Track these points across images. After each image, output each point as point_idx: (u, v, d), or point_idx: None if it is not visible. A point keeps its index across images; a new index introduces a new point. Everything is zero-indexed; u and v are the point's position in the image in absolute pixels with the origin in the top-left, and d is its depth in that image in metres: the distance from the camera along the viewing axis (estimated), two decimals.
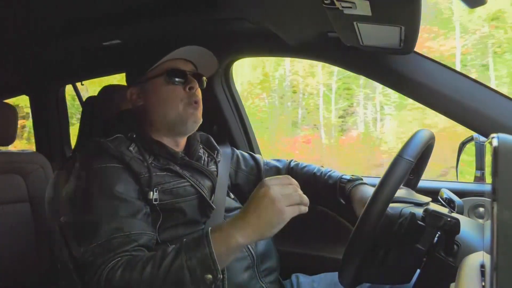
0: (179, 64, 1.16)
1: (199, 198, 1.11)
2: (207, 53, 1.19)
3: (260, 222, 0.84)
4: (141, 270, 0.87)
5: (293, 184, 0.88)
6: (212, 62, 1.23)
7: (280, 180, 0.87)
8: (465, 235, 0.85)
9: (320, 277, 1.28)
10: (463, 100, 1.15)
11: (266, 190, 0.85)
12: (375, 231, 0.86)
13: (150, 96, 1.16)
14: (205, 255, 0.84)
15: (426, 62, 1.21)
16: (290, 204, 0.85)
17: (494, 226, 0.47)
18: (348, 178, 1.26)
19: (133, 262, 0.89)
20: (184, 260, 0.85)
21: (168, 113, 1.14)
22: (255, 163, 1.42)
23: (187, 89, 1.14)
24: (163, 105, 1.14)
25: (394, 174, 0.85)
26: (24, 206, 1.84)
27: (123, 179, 1.03)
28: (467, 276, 0.65)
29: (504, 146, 0.48)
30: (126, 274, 0.87)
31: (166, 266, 0.85)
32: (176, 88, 1.14)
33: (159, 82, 1.14)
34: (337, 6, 0.85)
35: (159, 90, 1.14)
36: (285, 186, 0.86)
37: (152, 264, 0.87)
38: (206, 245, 0.85)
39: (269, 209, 0.84)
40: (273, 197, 0.84)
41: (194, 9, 1.23)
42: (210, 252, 0.84)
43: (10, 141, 1.90)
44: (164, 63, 1.14)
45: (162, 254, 0.89)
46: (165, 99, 1.14)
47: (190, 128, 1.17)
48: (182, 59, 1.17)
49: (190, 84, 1.15)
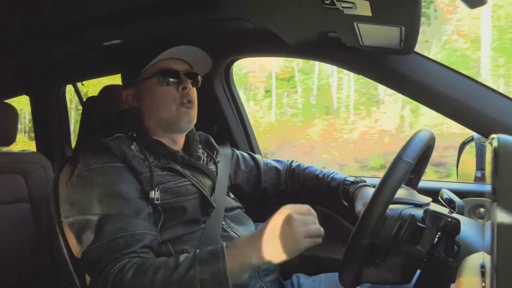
0: (172, 64, 1.16)
1: (200, 197, 1.11)
2: (199, 52, 1.19)
3: (276, 247, 0.86)
4: (152, 276, 0.87)
5: (312, 215, 0.89)
6: (206, 61, 1.23)
7: (302, 209, 0.88)
8: (466, 236, 0.85)
9: (321, 278, 1.27)
10: (463, 100, 1.15)
11: (289, 218, 0.86)
12: (374, 233, 0.86)
13: (144, 97, 1.16)
14: (218, 270, 0.85)
15: (427, 62, 1.21)
16: (308, 236, 0.86)
17: (495, 226, 0.47)
18: (352, 180, 1.26)
19: (143, 267, 0.89)
20: (198, 272, 0.85)
21: (162, 114, 1.14)
22: (255, 164, 1.42)
23: (180, 89, 1.14)
24: (156, 106, 1.14)
25: (393, 176, 0.85)
26: (25, 206, 1.83)
27: (125, 179, 1.03)
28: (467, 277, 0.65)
29: (505, 147, 0.48)
30: (136, 278, 0.87)
31: (178, 276, 0.86)
32: (169, 89, 1.14)
33: (152, 83, 1.14)
34: (338, 6, 0.85)
35: (152, 91, 1.14)
36: (305, 216, 0.88)
37: (164, 272, 0.87)
38: (221, 260, 0.86)
39: (288, 237, 0.85)
40: (294, 226, 0.85)
41: (194, 9, 1.22)
42: (224, 269, 0.85)
43: (11, 141, 1.90)
44: (158, 64, 1.14)
45: (174, 262, 0.89)
46: (158, 99, 1.14)
47: (184, 127, 1.17)
48: (175, 58, 1.17)
49: (183, 84, 1.14)
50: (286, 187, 1.39)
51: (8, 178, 1.81)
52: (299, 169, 1.41)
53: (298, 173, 1.39)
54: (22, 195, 1.83)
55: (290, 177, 1.40)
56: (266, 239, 0.86)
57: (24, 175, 1.84)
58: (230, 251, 0.87)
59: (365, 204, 0.89)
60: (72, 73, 2.12)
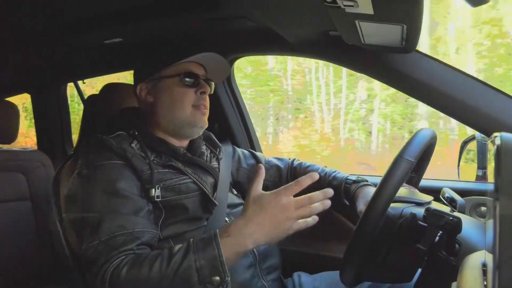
0: (193, 67, 1.17)
1: (202, 194, 1.11)
2: (221, 61, 1.21)
3: (269, 230, 0.87)
4: (148, 268, 0.87)
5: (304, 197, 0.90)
6: (225, 70, 1.25)
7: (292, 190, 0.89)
8: (467, 234, 0.85)
9: (322, 276, 1.28)
10: (465, 99, 1.14)
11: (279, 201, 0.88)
12: (376, 231, 0.86)
13: (161, 94, 1.16)
14: (213, 256, 0.85)
15: (428, 61, 1.21)
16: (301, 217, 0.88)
17: (496, 225, 0.47)
18: (354, 179, 1.26)
19: (139, 260, 0.89)
20: (193, 260, 0.85)
21: (177, 114, 1.14)
22: (256, 162, 1.42)
23: (199, 93, 1.15)
24: (173, 105, 1.15)
25: (394, 174, 0.85)
26: (26, 204, 1.84)
27: (125, 176, 1.03)
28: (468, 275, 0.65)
29: (507, 145, 0.48)
30: (133, 271, 0.87)
31: (174, 266, 0.86)
32: (188, 91, 1.15)
33: (173, 82, 1.15)
34: (339, 4, 0.85)
35: (171, 89, 1.15)
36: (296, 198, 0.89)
37: (160, 262, 0.87)
38: (215, 246, 0.86)
39: (280, 220, 0.87)
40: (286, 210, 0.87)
41: (196, 8, 1.23)
42: (219, 254, 0.85)
43: (12, 139, 1.90)
44: (181, 64, 1.15)
45: (169, 252, 0.89)
46: (176, 99, 1.14)
47: (195, 132, 1.19)
48: (196, 62, 1.18)
49: (202, 89, 1.16)
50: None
51: (9, 176, 1.81)
52: (301, 167, 1.41)
53: (300, 171, 1.39)
54: (23, 193, 1.84)
55: (292, 175, 1.40)
56: (258, 222, 0.87)
57: (25, 173, 1.84)
58: (223, 237, 0.88)
59: (366, 203, 0.89)
60: (74, 72, 2.12)
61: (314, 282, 1.26)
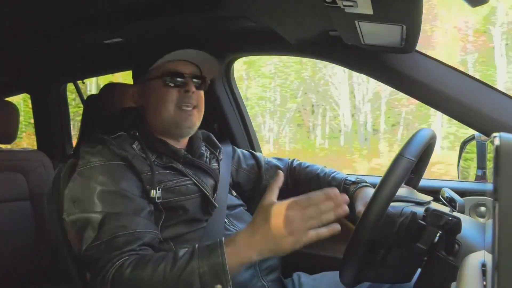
0: (179, 66, 1.16)
1: (202, 196, 1.11)
2: (208, 57, 1.19)
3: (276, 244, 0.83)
4: (152, 270, 0.86)
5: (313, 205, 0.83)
6: (215, 66, 1.23)
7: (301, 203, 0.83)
8: (466, 234, 0.85)
9: (321, 276, 1.27)
10: (464, 99, 1.14)
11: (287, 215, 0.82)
12: (375, 231, 0.85)
13: (148, 96, 1.16)
14: (217, 264, 0.84)
15: (428, 61, 1.21)
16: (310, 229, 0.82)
17: (496, 225, 0.47)
18: (353, 180, 1.26)
19: (142, 261, 0.89)
20: (197, 266, 0.84)
21: (162, 115, 1.14)
22: (255, 162, 1.42)
23: (182, 92, 1.14)
24: (158, 106, 1.14)
25: (395, 173, 0.85)
26: (25, 204, 1.84)
27: (126, 177, 1.03)
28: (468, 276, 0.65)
29: (506, 145, 0.48)
30: (136, 273, 0.87)
31: (178, 270, 0.85)
32: (170, 91, 1.14)
33: (157, 84, 1.14)
34: (339, 4, 0.85)
35: (155, 91, 1.15)
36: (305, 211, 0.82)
37: (164, 265, 0.86)
38: (220, 254, 0.85)
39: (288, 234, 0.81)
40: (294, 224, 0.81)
41: (196, 7, 1.22)
42: (223, 263, 0.84)
43: (12, 139, 1.90)
44: (165, 65, 1.14)
45: (174, 256, 0.88)
46: (159, 101, 1.14)
47: (185, 133, 1.18)
48: (184, 60, 1.17)
49: (186, 87, 1.14)
50: (287, 185, 1.39)
51: (9, 176, 1.81)
52: (300, 167, 1.40)
53: (299, 172, 1.39)
54: (22, 193, 1.83)
55: (291, 176, 1.40)
56: (263, 234, 0.83)
57: (24, 173, 1.84)
58: (229, 247, 0.86)
59: (365, 204, 0.88)
60: (73, 72, 2.12)
61: (314, 282, 1.26)
